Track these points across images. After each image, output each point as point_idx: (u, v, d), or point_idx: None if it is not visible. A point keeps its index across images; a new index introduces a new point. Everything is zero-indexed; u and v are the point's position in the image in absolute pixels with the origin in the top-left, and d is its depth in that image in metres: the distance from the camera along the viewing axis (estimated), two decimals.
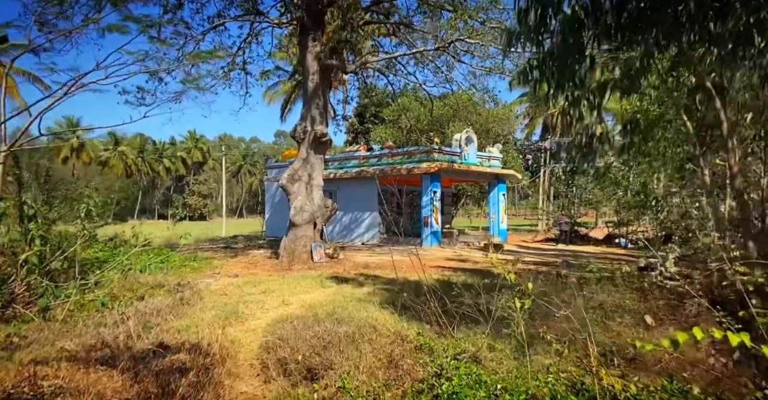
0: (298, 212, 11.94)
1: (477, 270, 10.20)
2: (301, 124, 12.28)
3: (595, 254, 15.72)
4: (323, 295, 7.36)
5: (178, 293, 6.99)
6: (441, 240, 16.24)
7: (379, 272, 10.17)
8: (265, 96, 35.94)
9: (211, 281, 9.30)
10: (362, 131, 26.94)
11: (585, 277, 7.67)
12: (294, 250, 11.99)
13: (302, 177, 12.35)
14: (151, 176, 76.02)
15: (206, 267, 11.52)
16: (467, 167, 16.46)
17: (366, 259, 12.82)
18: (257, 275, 10.11)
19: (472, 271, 10.05)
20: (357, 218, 18.28)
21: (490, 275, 9.32)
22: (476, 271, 10.04)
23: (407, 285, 7.70)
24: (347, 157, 18.87)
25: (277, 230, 21.48)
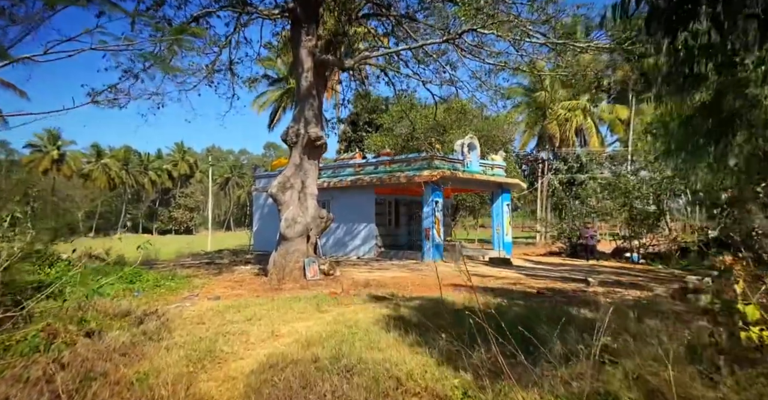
0: (290, 223, 10.69)
1: (505, 290, 8.98)
2: (293, 126, 11.12)
3: (617, 270, 14.66)
4: (321, 323, 6.09)
5: (142, 324, 5.66)
6: (443, 254, 15.06)
7: (383, 291, 8.92)
8: (254, 104, 34.90)
9: (188, 304, 7.96)
10: (355, 139, 25.89)
11: None
12: (285, 266, 10.70)
13: (294, 185, 11.14)
14: (135, 189, 73.90)
15: (185, 287, 10.15)
16: (471, 176, 15.42)
17: (365, 275, 11.57)
18: (242, 297, 8.78)
19: (499, 291, 8.82)
20: (352, 230, 17.03)
21: (523, 296, 8.04)
22: (504, 291, 8.81)
23: (424, 309, 6.46)
24: (342, 165, 17.72)
25: (266, 244, 20.11)
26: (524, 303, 6.55)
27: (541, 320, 4.65)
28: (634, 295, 8.21)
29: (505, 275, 12.23)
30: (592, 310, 5.85)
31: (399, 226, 17.77)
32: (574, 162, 32.41)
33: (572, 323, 4.53)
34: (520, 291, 8.88)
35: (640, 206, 14.97)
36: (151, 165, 74.24)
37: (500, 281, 10.41)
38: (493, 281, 10.42)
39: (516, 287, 9.61)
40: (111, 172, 68.72)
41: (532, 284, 9.91)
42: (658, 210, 14.90)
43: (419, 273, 12.21)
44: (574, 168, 32.55)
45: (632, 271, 13.75)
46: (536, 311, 5.67)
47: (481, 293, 8.30)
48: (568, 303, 7.12)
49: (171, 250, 22.18)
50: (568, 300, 7.67)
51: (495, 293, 8.39)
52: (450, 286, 9.55)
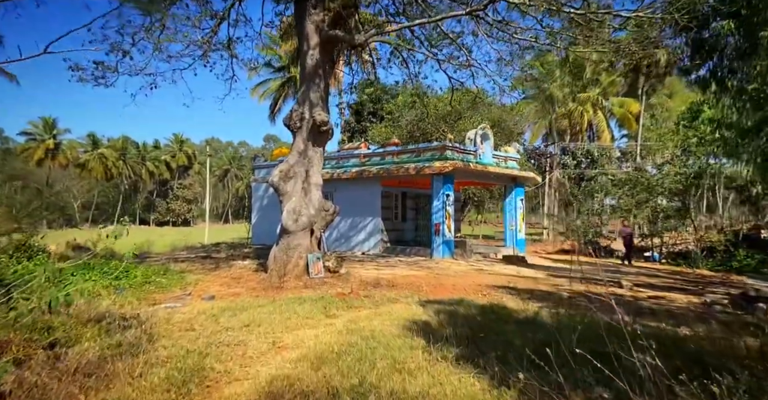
0: (293, 216, 9.77)
1: (539, 292, 8.05)
2: (296, 109, 10.16)
3: (641, 270, 13.77)
4: (332, 332, 5.20)
5: (119, 332, 4.77)
6: (454, 251, 14.18)
7: (396, 292, 8.03)
8: (254, 93, 33.82)
9: (179, 305, 7.06)
10: (359, 130, 24.89)
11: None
12: (286, 262, 9.79)
13: (298, 174, 10.20)
14: (133, 180, 72.85)
15: (177, 284, 9.25)
16: (484, 168, 14.49)
17: (373, 273, 10.68)
18: (240, 297, 7.89)
19: (531, 293, 7.88)
20: (357, 224, 16.13)
21: (560, 300, 6.93)
22: (538, 294, 7.87)
23: (452, 315, 5.57)
24: (346, 155, 16.76)
25: (265, 237, 19.20)
26: (568, 310, 5.66)
27: (614, 337, 3.74)
28: (683, 301, 7.33)
29: (526, 274, 11.36)
30: (665, 322, 4.95)
31: (406, 220, 16.87)
32: (583, 157, 31.48)
33: (653, 341, 3.64)
34: (552, 293, 7.99)
35: (665, 203, 14.07)
36: (148, 156, 73.16)
37: (526, 282, 9.52)
38: (518, 282, 9.53)
39: (546, 288, 8.72)
40: (108, 162, 67.61)
41: (559, 285, 9.02)
42: (684, 207, 14.00)
43: (431, 271, 11.32)
44: (584, 163, 31.63)
45: (659, 272, 12.89)
46: (594, 323, 4.77)
47: (513, 296, 7.41)
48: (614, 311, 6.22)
49: (166, 242, 21.29)
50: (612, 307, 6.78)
51: (527, 295, 7.47)
52: (472, 286, 8.67)
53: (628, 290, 8.27)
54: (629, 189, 15.65)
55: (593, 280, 10.34)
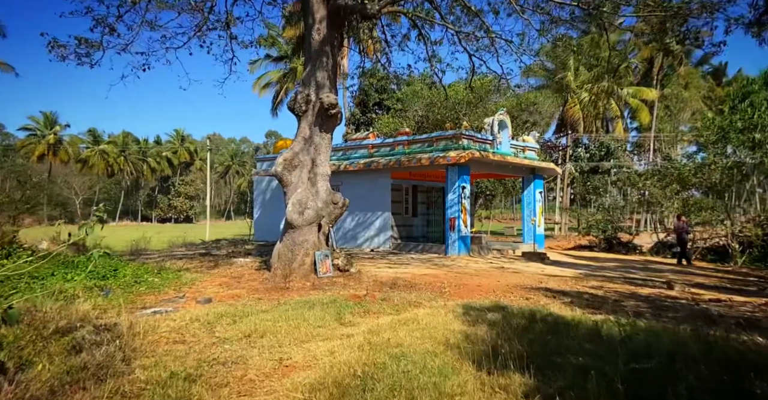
0: (298, 208, 8.84)
1: (589, 297, 7.07)
2: (302, 91, 9.21)
3: (676, 268, 12.75)
4: (350, 346, 4.27)
5: (90, 347, 3.84)
6: (470, 247, 13.23)
7: (416, 294, 7.10)
8: (255, 86, 32.89)
9: (170, 310, 6.15)
10: (365, 122, 23.89)
11: None
12: (291, 260, 8.88)
13: (303, 163, 9.26)
14: (134, 176, 72.04)
15: (171, 284, 8.35)
16: (502, 158, 13.50)
17: (386, 272, 9.75)
18: (240, 299, 6.97)
19: (587, 300, 6.91)
20: (365, 219, 15.19)
21: (609, 305, 5.62)
22: (590, 299, 6.89)
23: (494, 325, 4.61)
24: (353, 146, 15.80)
25: (268, 233, 18.31)
26: (629, 318, 4.71)
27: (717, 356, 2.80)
28: (747, 304, 6.37)
29: (553, 272, 10.41)
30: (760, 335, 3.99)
31: (416, 215, 15.93)
32: (597, 150, 30.41)
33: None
34: (595, 295, 7.03)
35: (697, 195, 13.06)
36: (150, 152, 72.30)
37: (558, 282, 8.56)
38: (549, 282, 8.57)
39: (583, 289, 7.76)
40: (109, 158, 66.86)
41: (598, 286, 8.05)
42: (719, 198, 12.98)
43: (449, 270, 10.39)
44: (597, 156, 30.57)
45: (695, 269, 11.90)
46: (677, 337, 3.82)
47: (552, 299, 6.45)
48: (688, 319, 5.26)
49: (164, 238, 20.43)
50: (677, 313, 5.82)
51: (567, 299, 6.50)
52: (500, 287, 7.73)
53: (681, 292, 7.31)
54: (658, 180, 14.64)
55: (634, 279, 9.39)
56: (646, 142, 33.44)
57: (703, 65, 40.49)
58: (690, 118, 37.60)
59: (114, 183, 71.83)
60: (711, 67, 42.50)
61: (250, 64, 32.68)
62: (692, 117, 38.55)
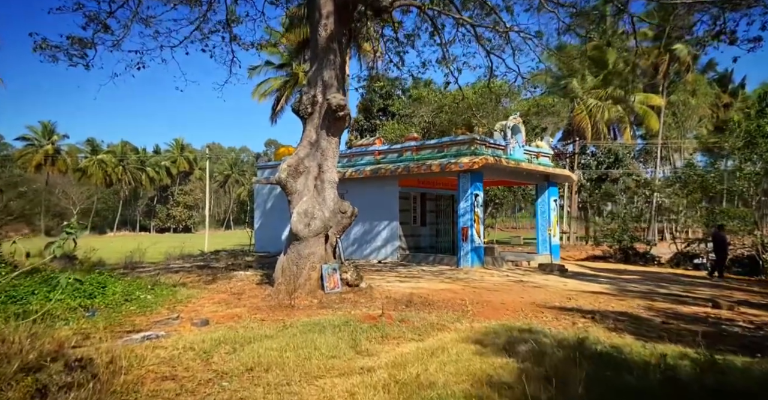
0: (304, 219, 8.14)
1: (630, 319, 6.31)
2: (307, 91, 8.58)
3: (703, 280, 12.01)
4: (373, 385, 3.54)
5: (58, 393, 3.11)
6: (484, 259, 12.51)
7: (437, 314, 6.37)
8: (255, 93, 32.35)
9: (162, 334, 5.41)
10: (368, 128, 23.30)
11: None
12: (296, 275, 8.16)
13: (309, 169, 8.60)
14: (133, 186, 71.38)
15: (165, 302, 7.63)
16: (516, 164, 12.85)
17: (398, 286, 9.03)
18: (241, 320, 6.24)
19: (631, 323, 6.16)
20: (371, 229, 14.48)
21: (679, 337, 4.72)
22: (633, 322, 6.13)
23: (539, 357, 3.87)
24: (359, 152, 15.15)
25: (269, 244, 17.59)
26: (698, 350, 3.98)
27: None
28: None
29: (577, 287, 9.67)
30: None
31: (425, 224, 15.23)
32: (605, 157, 29.81)
33: None
34: (637, 317, 6.29)
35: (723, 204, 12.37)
36: (148, 161, 71.79)
37: (588, 299, 7.82)
38: (578, 299, 7.84)
39: (620, 308, 7.03)
40: (107, 168, 66.32)
41: (636, 305, 7.32)
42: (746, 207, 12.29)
43: (466, 284, 9.66)
44: (606, 163, 29.96)
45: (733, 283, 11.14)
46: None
47: (591, 322, 5.71)
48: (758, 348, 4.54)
49: (161, 249, 19.69)
50: (740, 340, 5.09)
51: (609, 321, 5.76)
52: (527, 306, 7.00)
53: (730, 311, 6.58)
54: (680, 188, 13.96)
55: (670, 296, 8.65)
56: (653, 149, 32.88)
57: (708, 72, 40.19)
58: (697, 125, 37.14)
59: (112, 193, 71.17)
60: (717, 74, 42.22)
61: (249, 70, 32.26)
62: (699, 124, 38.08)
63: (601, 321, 5.75)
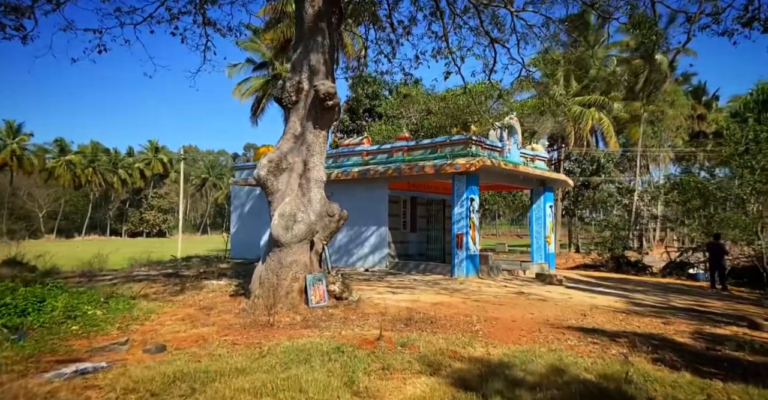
0: (287, 222, 7.09)
1: (670, 344, 5.41)
2: (291, 77, 7.57)
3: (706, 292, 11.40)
4: None
5: None
6: (479, 268, 11.63)
7: (443, 335, 5.40)
8: (235, 92, 31.02)
9: (102, 366, 4.27)
10: (354, 129, 22.33)
11: None
12: (277, 286, 7.08)
13: (293, 165, 7.56)
14: (103, 188, 68.26)
15: (118, 319, 6.44)
16: (514, 167, 12.07)
17: (392, 299, 8.02)
18: (207, 344, 5.12)
19: (677, 351, 5.27)
20: (359, 235, 13.46)
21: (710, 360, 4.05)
22: (676, 348, 5.23)
23: None
24: (346, 152, 14.14)
25: (246, 250, 16.34)
26: None
27: None
28: None
29: (583, 300, 8.86)
30: None
31: (415, 230, 14.30)
32: (588, 164, 29.63)
33: None
34: (679, 343, 5.45)
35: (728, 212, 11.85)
36: (121, 163, 68.87)
37: (605, 316, 6.98)
38: (594, 316, 6.99)
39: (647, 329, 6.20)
40: (76, 169, 63.23)
41: (661, 325, 6.50)
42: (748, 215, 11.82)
43: (464, 296, 8.73)
44: (588, 170, 29.77)
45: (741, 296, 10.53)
46: None
47: (627, 348, 4.82)
48: None
49: (128, 255, 18.16)
50: None
51: (648, 347, 4.88)
52: (541, 324, 6.09)
53: None
54: (678, 195, 13.47)
55: (692, 312, 7.90)
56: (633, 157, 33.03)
57: (683, 84, 40.93)
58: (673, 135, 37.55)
59: (81, 195, 67.91)
60: (691, 86, 43.11)
61: (228, 67, 31.00)
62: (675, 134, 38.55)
63: (637, 348, 4.87)
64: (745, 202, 11.82)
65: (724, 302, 9.30)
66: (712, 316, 7.26)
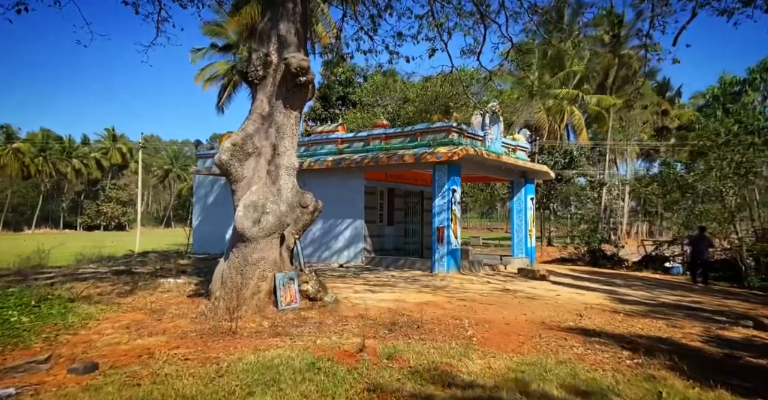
0: (252, 213, 6.20)
1: (682, 349, 4.88)
2: (258, 49, 6.64)
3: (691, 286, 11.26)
4: None
5: None
6: (460, 263, 11.06)
7: (433, 343, 4.71)
8: (198, 78, 29.22)
9: (8, 392, 3.33)
10: (327, 118, 21.29)
11: None
12: (241, 287, 6.19)
13: (261, 150, 6.66)
14: (56, 179, 63.99)
15: (47, 326, 5.43)
16: (497, 157, 11.52)
17: (372, 299, 7.29)
18: (153, 360, 4.21)
19: (690, 358, 4.74)
20: (333, 228, 12.62)
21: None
22: (690, 354, 4.72)
23: None
24: (319, 139, 13.20)
25: (209, 245, 15.21)
26: None
27: None
28: None
29: (571, 297, 8.42)
30: None
31: (392, 223, 13.59)
32: (561, 157, 29.78)
33: None
34: (691, 348, 4.98)
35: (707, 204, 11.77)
36: (75, 152, 64.71)
37: (603, 317, 6.49)
38: (592, 316, 6.49)
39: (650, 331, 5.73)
40: (24, 158, 58.90)
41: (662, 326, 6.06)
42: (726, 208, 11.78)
43: (448, 295, 8.11)
44: (561, 163, 29.93)
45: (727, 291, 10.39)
46: None
47: (640, 356, 4.26)
48: None
49: (76, 250, 16.58)
50: None
51: (665, 357, 4.33)
52: (537, 327, 5.51)
53: None
54: (658, 188, 13.37)
55: (683, 308, 7.55)
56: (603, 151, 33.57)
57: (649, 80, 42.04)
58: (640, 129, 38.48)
59: (31, 186, 63.49)
60: (656, 82, 44.37)
61: (192, 52, 29.15)
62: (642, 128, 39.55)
63: (652, 356, 4.33)
64: (724, 194, 11.80)
65: (711, 297, 9.10)
66: (709, 314, 6.93)
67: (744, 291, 10.57)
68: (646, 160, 52.94)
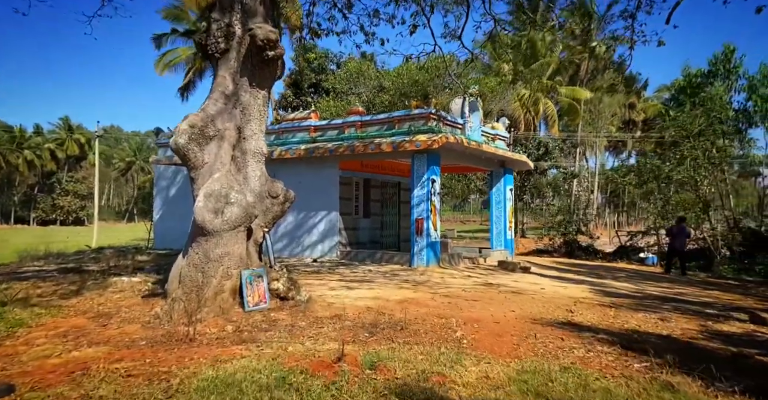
0: (215, 204, 5.49)
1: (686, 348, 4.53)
2: (219, 19, 5.88)
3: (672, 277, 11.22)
4: None
5: None
6: (440, 256, 10.64)
7: (420, 348, 4.21)
8: (158, 64, 27.51)
9: None
10: (299, 106, 20.37)
11: None
12: (202, 286, 5.50)
13: (224, 133, 5.92)
14: (5, 171, 59.84)
15: None
16: (478, 146, 11.11)
17: (348, 297, 6.73)
18: (88, 377, 3.50)
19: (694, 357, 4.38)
20: (306, 220, 11.93)
21: None
22: (694, 353, 4.36)
23: None
24: (291, 127, 12.42)
25: (172, 240, 14.21)
26: None
27: None
28: None
29: (556, 290, 8.12)
30: None
31: (368, 216, 13.02)
32: (535, 148, 29.95)
33: None
34: (682, 341, 4.66)
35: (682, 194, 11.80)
36: (27, 143, 60.66)
37: (594, 313, 6.17)
38: (582, 312, 6.15)
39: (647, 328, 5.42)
40: None
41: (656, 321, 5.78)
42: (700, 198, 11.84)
43: (430, 291, 7.64)
44: (535, 155, 30.12)
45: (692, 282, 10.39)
46: None
47: (667, 361, 3.88)
48: None
49: (21, 246, 15.21)
50: None
51: (672, 357, 3.97)
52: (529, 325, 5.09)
53: None
54: (635, 177, 13.36)
55: (672, 301, 7.35)
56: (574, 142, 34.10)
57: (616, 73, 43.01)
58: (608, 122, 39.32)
59: None
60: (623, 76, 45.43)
61: (153, 39, 27.40)
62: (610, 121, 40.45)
63: (658, 357, 3.96)
64: (698, 184, 11.89)
65: (693, 288, 9.03)
66: (698, 306, 6.74)
67: (720, 281, 10.64)
68: (613, 152, 54.46)
